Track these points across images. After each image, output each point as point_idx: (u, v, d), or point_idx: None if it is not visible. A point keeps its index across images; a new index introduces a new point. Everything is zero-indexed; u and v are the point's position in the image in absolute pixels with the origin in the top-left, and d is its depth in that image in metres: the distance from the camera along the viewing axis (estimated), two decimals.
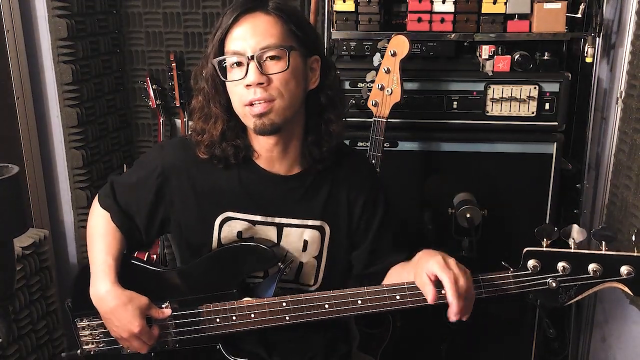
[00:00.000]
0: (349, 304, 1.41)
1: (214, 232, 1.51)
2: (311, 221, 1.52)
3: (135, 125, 2.91)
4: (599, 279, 1.30)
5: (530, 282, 1.33)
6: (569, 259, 1.31)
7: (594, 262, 1.30)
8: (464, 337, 2.40)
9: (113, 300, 1.46)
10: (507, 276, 1.34)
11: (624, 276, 1.29)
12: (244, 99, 1.36)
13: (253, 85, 1.34)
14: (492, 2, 2.14)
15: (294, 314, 1.44)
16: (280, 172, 1.49)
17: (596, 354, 2.42)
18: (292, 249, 1.53)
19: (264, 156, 1.48)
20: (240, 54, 1.35)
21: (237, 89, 1.38)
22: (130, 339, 1.48)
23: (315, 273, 1.56)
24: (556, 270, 1.32)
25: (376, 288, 1.39)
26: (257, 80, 1.34)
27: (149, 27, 2.75)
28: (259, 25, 1.36)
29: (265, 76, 1.34)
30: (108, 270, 1.48)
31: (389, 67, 2.00)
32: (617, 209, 2.12)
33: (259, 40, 1.35)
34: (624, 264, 1.29)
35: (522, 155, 2.22)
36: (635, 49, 2.04)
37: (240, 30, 1.36)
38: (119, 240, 1.53)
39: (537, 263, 1.32)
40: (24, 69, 2.37)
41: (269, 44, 1.35)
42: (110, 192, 1.56)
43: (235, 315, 1.48)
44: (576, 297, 1.33)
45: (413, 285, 1.36)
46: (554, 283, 1.32)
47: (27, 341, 2.27)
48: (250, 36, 1.36)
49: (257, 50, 1.34)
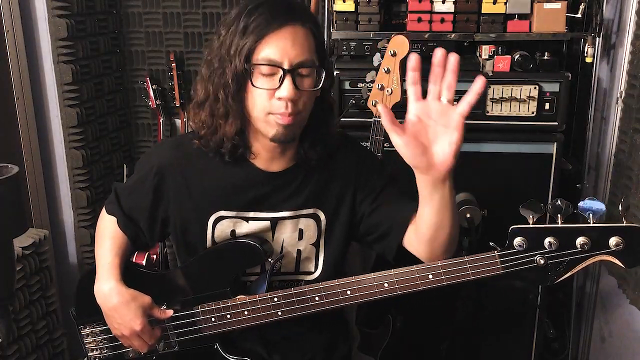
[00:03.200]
0: (338, 295, 1.41)
1: (208, 231, 1.52)
2: (304, 210, 1.52)
3: (135, 125, 2.91)
4: (587, 252, 1.26)
5: (518, 260, 1.30)
6: (556, 234, 1.27)
7: (581, 235, 1.26)
8: (464, 336, 2.40)
9: (116, 298, 1.47)
10: (493, 256, 1.31)
11: (612, 248, 1.25)
12: (271, 108, 1.34)
13: (285, 99, 1.32)
14: (492, 2, 2.14)
15: (285, 308, 1.44)
16: (274, 169, 1.50)
17: (596, 354, 2.42)
18: (287, 239, 1.53)
19: (262, 156, 1.47)
20: (277, 64, 1.32)
21: (264, 97, 1.34)
22: (132, 337, 1.50)
23: (315, 260, 1.56)
24: (543, 247, 1.27)
25: (364, 277, 1.39)
26: (292, 97, 1.32)
27: (149, 27, 2.75)
28: (297, 39, 1.34)
29: (299, 91, 1.34)
30: (113, 269, 1.50)
31: (389, 67, 2.00)
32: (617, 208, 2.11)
33: (297, 54, 1.33)
34: (612, 235, 1.25)
35: (522, 155, 2.22)
36: (635, 49, 2.04)
37: (280, 40, 1.32)
38: (125, 243, 1.55)
39: (524, 241, 1.28)
40: (24, 69, 2.37)
41: (306, 59, 1.34)
42: (114, 198, 1.58)
43: (230, 314, 1.49)
44: (566, 273, 1.29)
45: (400, 272, 1.36)
46: (542, 260, 1.28)
47: (27, 341, 2.27)
48: (290, 48, 1.32)
49: (294, 64, 1.33)
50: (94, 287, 1.51)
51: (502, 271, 1.32)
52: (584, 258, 1.28)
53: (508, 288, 2.32)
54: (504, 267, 1.31)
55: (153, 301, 1.51)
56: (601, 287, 2.37)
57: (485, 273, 1.32)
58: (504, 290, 2.33)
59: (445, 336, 2.40)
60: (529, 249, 1.29)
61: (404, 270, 1.36)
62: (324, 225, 1.54)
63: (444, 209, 1.33)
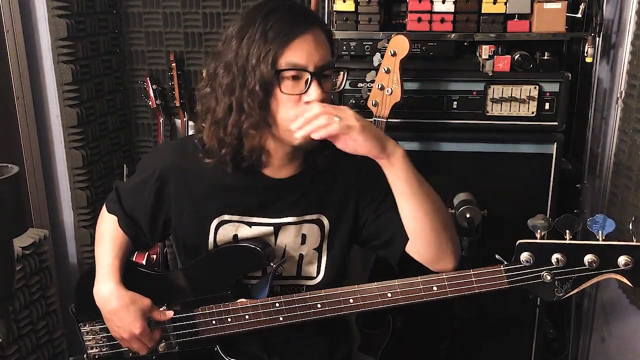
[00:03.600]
0: (341, 303, 1.41)
1: (210, 235, 1.51)
2: (308, 216, 1.51)
3: (135, 125, 2.91)
4: (595, 270, 1.25)
5: (524, 276, 1.29)
6: (564, 251, 1.26)
7: (590, 253, 1.24)
8: (464, 337, 2.40)
9: (116, 301, 1.47)
10: (499, 270, 1.30)
11: (621, 267, 1.23)
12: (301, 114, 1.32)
13: (314, 102, 1.32)
14: (492, 2, 2.14)
15: (287, 314, 1.44)
16: (281, 176, 1.49)
17: (596, 354, 2.42)
18: (290, 244, 1.53)
19: (272, 164, 1.46)
20: (303, 68, 1.32)
21: (292, 103, 1.34)
22: (131, 340, 1.49)
23: (317, 265, 1.56)
24: (551, 263, 1.26)
25: (368, 286, 1.39)
26: (320, 98, 1.33)
27: (149, 27, 2.74)
28: (319, 42, 1.35)
29: (325, 94, 1.35)
30: (112, 272, 1.49)
31: (389, 67, 1.99)
32: (617, 209, 2.12)
33: (321, 56, 1.34)
34: (621, 254, 1.23)
35: (522, 155, 2.22)
36: (635, 49, 2.04)
37: (304, 44, 1.33)
38: (125, 243, 1.55)
39: (531, 256, 1.27)
40: (24, 69, 2.36)
41: (328, 61, 1.36)
42: (115, 197, 1.58)
43: (230, 317, 1.48)
44: (573, 290, 1.28)
45: (404, 283, 1.35)
46: (548, 276, 1.27)
47: (27, 341, 2.27)
48: (314, 51, 1.33)
49: (319, 66, 1.34)
50: (94, 288, 1.51)
51: (507, 286, 1.31)
52: (592, 276, 1.26)
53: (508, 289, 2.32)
54: (510, 281, 1.30)
55: (153, 303, 1.50)
56: (601, 287, 2.36)
57: (490, 287, 1.31)
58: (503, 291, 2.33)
59: (445, 336, 2.40)
60: (535, 265, 1.28)
61: (408, 281, 1.35)
62: (328, 230, 1.53)
63: (410, 197, 1.36)
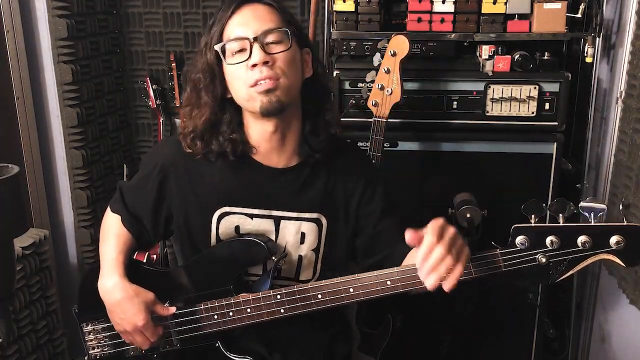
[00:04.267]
0: (341, 292, 1.41)
1: (212, 228, 1.53)
2: (308, 214, 1.53)
3: (135, 125, 2.91)
4: (589, 251, 1.28)
5: (520, 258, 1.32)
6: (558, 233, 1.29)
7: (583, 234, 1.28)
8: (464, 336, 2.40)
9: (120, 293, 1.48)
10: (495, 254, 1.33)
11: (613, 247, 1.27)
12: (249, 80, 1.38)
13: (259, 65, 1.36)
14: (492, 2, 2.14)
15: (288, 305, 1.45)
16: (278, 165, 1.51)
17: (596, 354, 2.42)
18: (289, 242, 1.54)
19: (262, 148, 1.48)
20: (243, 38, 1.38)
21: (240, 73, 1.39)
22: (134, 333, 1.50)
23: (314, 266, 1.57)
24: (545, 246, 1.30)
25: (367, 275, 1.40)
26: (262, 59, 1.36)
27: (149, 27, 2.75)
28: (258, 12, 1.41)
29: (270, 55, 1.37)
30: (117, 265, 1.51)
31: (389, 67, 2.00)
32: (617, 209, 2.11)
33: (260, 24, 1.39)
34: (613, 235, 1.27)
35: (522, 155, 2.22)
36: (635, 49, 2.03)
37: (241, 18, 1.40)
38: (129, 241, 1.57)
39: (526, 239, 1.30)
40: (24, 69, 2.36)
41: (271, 27, 1.39)
42: (119, 196, 1.59)
43: (232, 311, 1.49)
44: (568, 272, 1.31)
45: (402, 270, 1.36)
46: (543, 259, 1.30)
47: (27, 341, 2.27)
48: (252, 21, 1.39)
49: (260, 32, 1.38)
50: (98, 282, 1.52)
51: (504, 269, 1.33)
52: (585, 257, 1.30)
53: (508, 288, 2.32)
54: (506, 265, 1.33)
55: (156, 297, 1.51)
56: (601, 287, 2.36)
57: (487, 271, 1.33)
58: (503, 290, 2.33)
59: (445, 336, 2.40)
60: (530, 248, 1.31)
61: (407, 268, 1.36)
62: (325, 231, 1.54)
63: None
